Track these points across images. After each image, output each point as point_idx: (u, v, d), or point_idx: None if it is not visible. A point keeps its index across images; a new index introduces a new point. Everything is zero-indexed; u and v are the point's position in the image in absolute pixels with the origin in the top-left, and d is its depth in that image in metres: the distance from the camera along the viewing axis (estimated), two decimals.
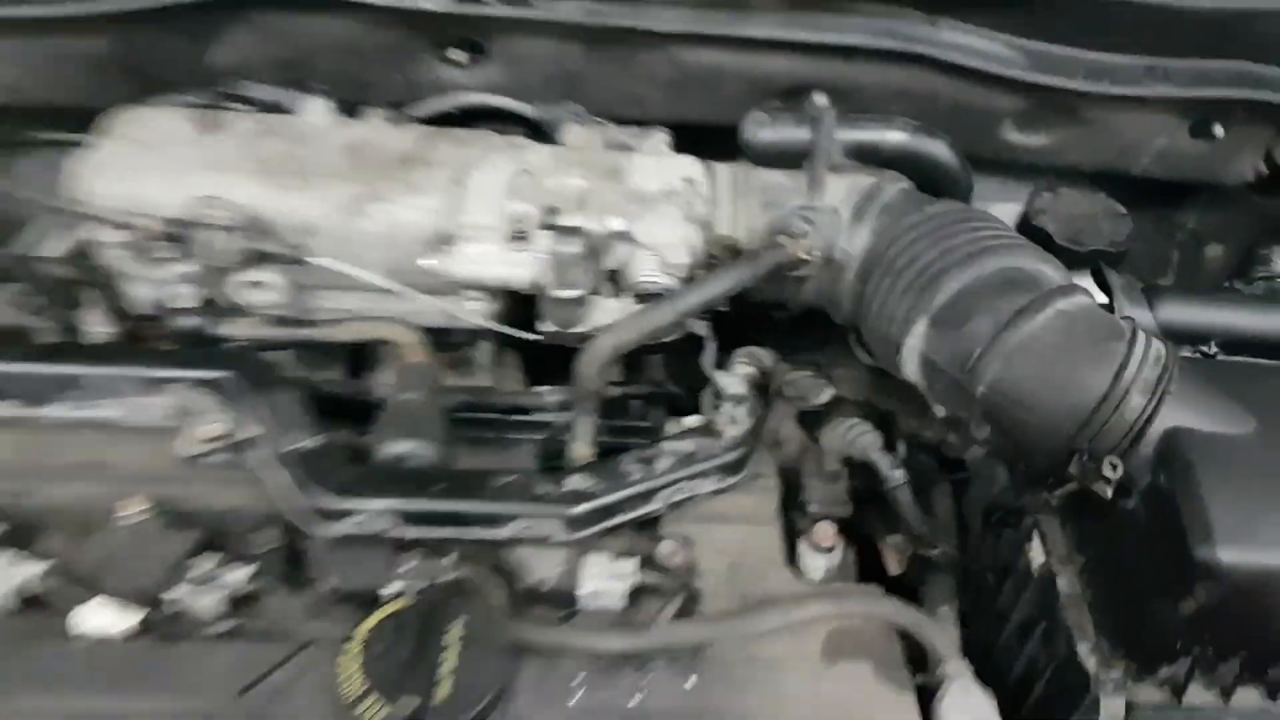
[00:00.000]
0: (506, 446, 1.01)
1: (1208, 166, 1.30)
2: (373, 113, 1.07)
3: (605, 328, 0.93)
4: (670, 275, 0.98)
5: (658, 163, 1.04)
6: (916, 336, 0.93)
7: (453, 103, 1.13)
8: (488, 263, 0.94)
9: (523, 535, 0.87)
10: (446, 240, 0.96)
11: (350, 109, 1.08)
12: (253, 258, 0.96)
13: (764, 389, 1.03)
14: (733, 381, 0.98)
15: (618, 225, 0.98)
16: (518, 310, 1.03)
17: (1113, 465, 0.82)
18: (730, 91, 1.17)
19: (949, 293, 0.91)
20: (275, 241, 0.95)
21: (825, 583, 0.92)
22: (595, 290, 0.97)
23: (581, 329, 0.95)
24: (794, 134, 1.05)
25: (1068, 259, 1.02)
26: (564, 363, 0.97)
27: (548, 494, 0.87)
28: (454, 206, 0.97)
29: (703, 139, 1.10)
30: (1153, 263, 1.37)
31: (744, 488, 0.96)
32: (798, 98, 1.09)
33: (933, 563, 1.01)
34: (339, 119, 1.06)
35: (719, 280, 0.94)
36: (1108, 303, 1.05)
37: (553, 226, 0.94)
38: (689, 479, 0.92)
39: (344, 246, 0.98)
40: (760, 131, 1.06)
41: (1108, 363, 0.84)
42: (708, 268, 1.00)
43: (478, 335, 1.08)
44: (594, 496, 0.88)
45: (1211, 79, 1.17)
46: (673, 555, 0.89)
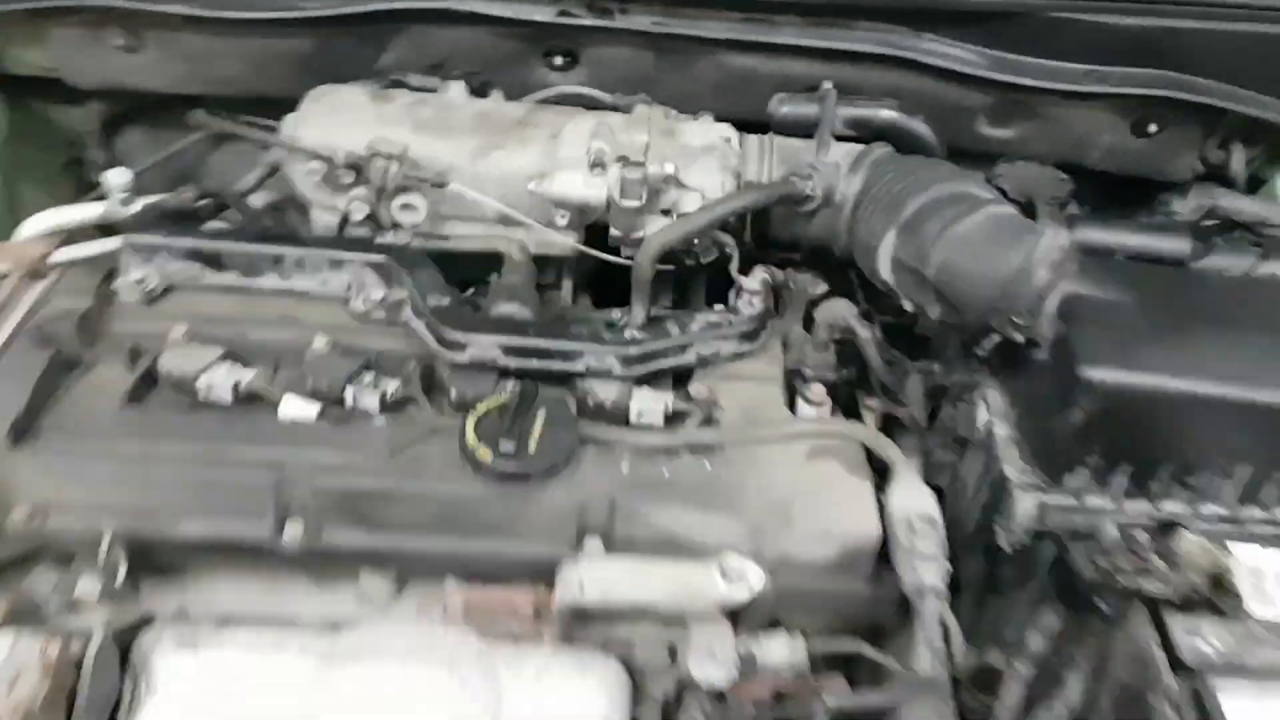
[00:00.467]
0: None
1: (1152, 164, 1.54)
2: (495, 93, 1.41)
3: (657, 230, 1.23)
4: None
5: (703, 127, 1.34)
6: (888, 243, 1.20)
7: (552, 93, 1.45)
8: (574, 186, 1.25)
9: (590, 368, 1.15)
10: (545, 173, 1.27)
11: (479, 93, 1.42)
12: (406, 185, 1.28)
13: (776, 292, 1.30)
14: (751, 281, 1.26)
15: (670, 169, 1.28)
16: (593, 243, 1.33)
17: (1023, 318, 1.07)
18: (763, 90, 1.46)
19: (911, 209, 1.19)
20: (423, 174, 1.27)
21: None
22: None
23: (640, 235, 1.25)
24: (806, 108, 1.35)
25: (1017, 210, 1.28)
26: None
27: (609, 339, 1.16)
28: (551, 151, 1.28)
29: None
30: None
31: (756, 355, 1.23)
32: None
33: (902, 424, 1.25)
34: (471, 98, 1.39)
35: (741, 196, 1.24)
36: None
37: (621, 159, 1.24)
38: (715, 339, 1.19)
39: (471, 181, 1.29)
40: (781, 107, 1.36)
41: (1023, 246, 1.10)
42: None
43: (561, 276, 1.38)
44: (643, 343, 1.16)
45: (1141, 81, 1.43)
46: (700, 392, 1.16)
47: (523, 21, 1.39)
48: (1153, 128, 1.49)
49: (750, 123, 1.41)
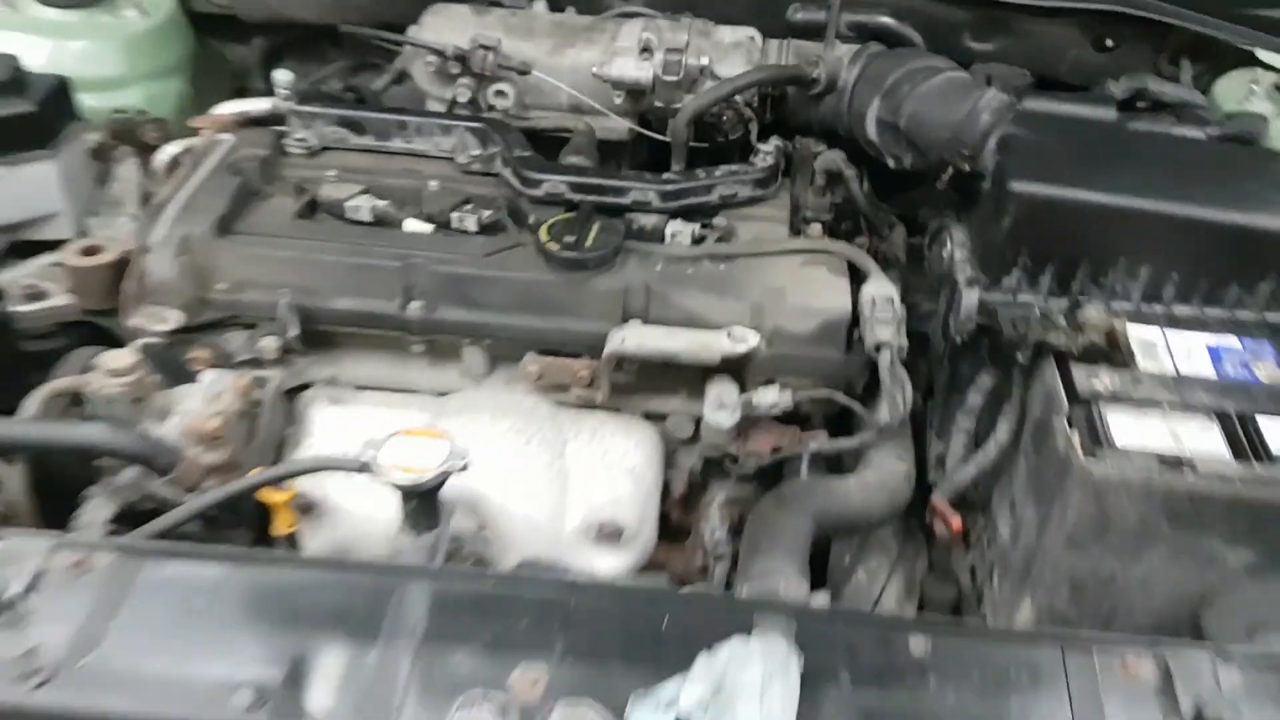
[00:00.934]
0: None
1: (1113, 77, 1.76)
2: (569, 9, 1.71)
3: (689, 98, 1.52)
4: None
5: (732, 30, 1.63)
6: (873, 109, 1.47)
7: (614, 12, 1.74)
8: (627, 68, 1.55)
9: (635, 200, 1.44)
10: (605, 61, 1.57)
11: (557, 9, 1.73)
12: (498, 76, 1.59)
13: (788, 159, 1.58)
14: (766, 145, 1.53)
15: (705, 60, 1.57)
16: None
17: (970, 151, 1.33)
18: (784, 9, 1.74)
19: (890, 80, 1.46)
20: (511, 63, 1.58)
21: None
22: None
23: (678, 106, 1.54)
24: (816, 14, 1.63)
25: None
26: None
27: (650, 178, 1.45)
28: (610, 45, 1.58)
29: None
30: None
31: (768, 201, 1.51)
32: None
33: (886, 258, 1.51)
34: (550, 12, 1.70)
35: (758, 72, 1.53)
36: None
37: (665, 49, 1.54)
38: (734, 182, 1.47)
39: (548, 71, 1.60)
40: (797, 14, 1.64)
41: (971, 98, 1.36)
42: None
43: (619, 163, 1.67)
44: (677, 181, 1.45)
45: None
46: (720, 223, 1.45)
47: None
48: (1110, 43, 1.72)
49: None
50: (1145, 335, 1.27)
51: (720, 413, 1.31)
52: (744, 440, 1.37)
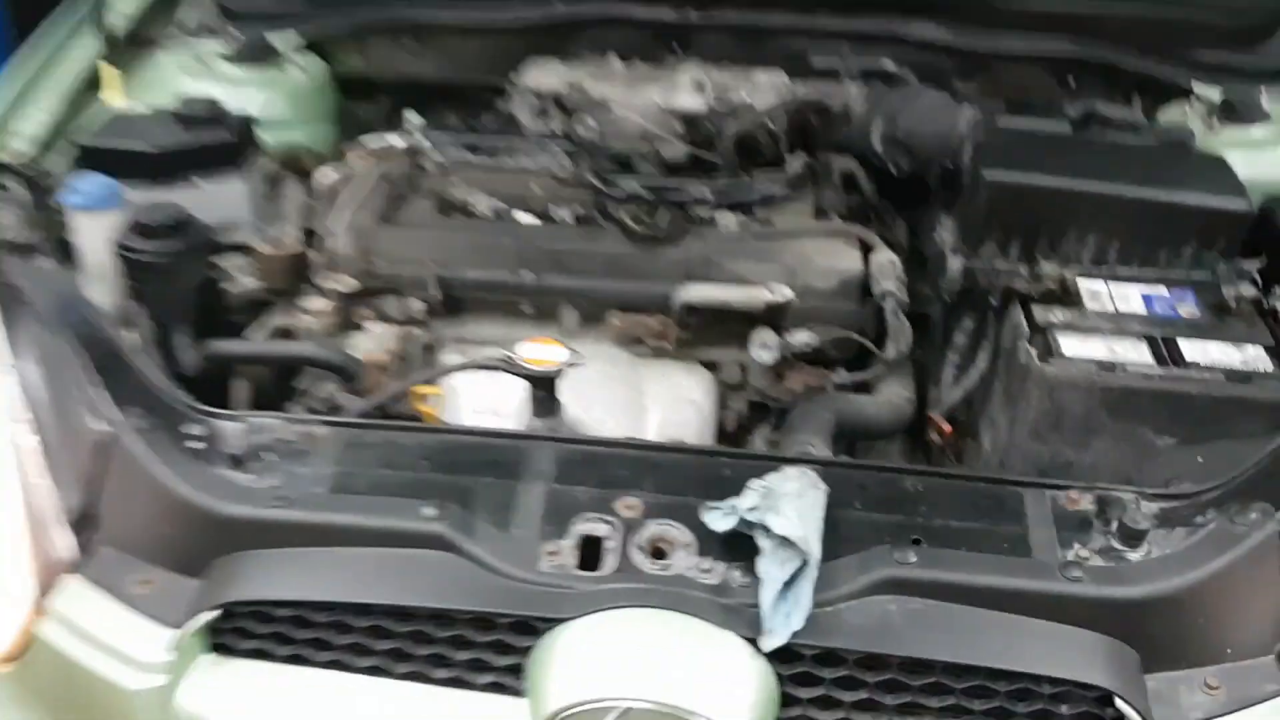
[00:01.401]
0: None
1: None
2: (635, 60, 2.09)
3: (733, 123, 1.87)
4: None
5: (768, 75, 1.99)
6: (877, 125, 1.82)
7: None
8: (684, 100, 1.92)
9: (695, 198, 1.79)
10: (667, 97, 1.94)
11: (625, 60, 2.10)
12: (585, 109, 1.96)
13: (812, 169, 1.92)
14: (794, 157, 1.88)
15: (744, 96, 1.93)
16: None
17: (952, 156, 1.66)
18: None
19: (890, 105, 1.80)
20: (593, 99, 1.95)
21: None
22: None
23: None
24: (832, 59, 1.99)
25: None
26: None
27: (705, 180, 1.80)
28: (671, 85, 1.95)
29: None
30: None
31: (796, 200, 1.85)
32: None
33: (889, 241, 1.83)
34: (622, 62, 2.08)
35: (786, 94, 1.88)
36: None
37: (714, 86, 1.90)
38: (770, 183, 1.82)
39: (623, 106, 1.97)
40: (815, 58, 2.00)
41: (951, 115, 1.70)
42: None
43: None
44: (726, 182, 1.80)
45: (1056, 48, 2.00)
46: (759, 213, 1.79)
47: (653, 23, 2.07)
48: (1072, 83, 2.05)
49: None
50: (1092, 286, 1.58)
51: (763, 351, 1.63)
52: (781, 380, 1.69)
